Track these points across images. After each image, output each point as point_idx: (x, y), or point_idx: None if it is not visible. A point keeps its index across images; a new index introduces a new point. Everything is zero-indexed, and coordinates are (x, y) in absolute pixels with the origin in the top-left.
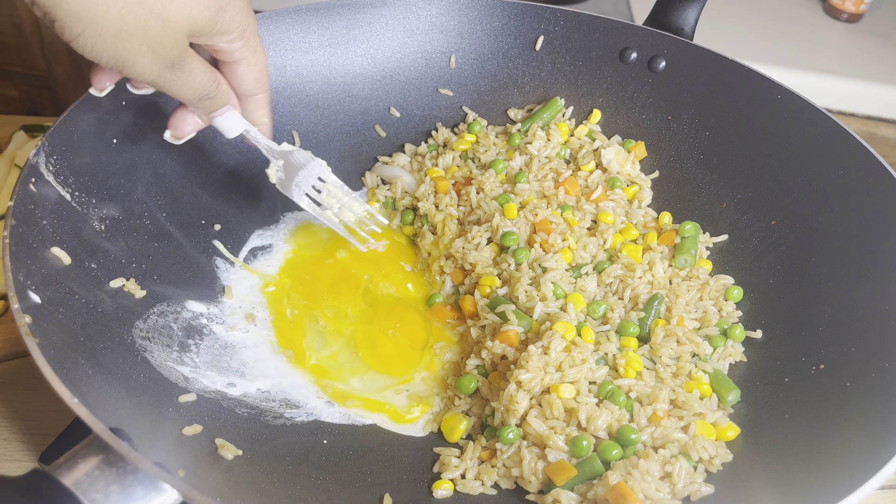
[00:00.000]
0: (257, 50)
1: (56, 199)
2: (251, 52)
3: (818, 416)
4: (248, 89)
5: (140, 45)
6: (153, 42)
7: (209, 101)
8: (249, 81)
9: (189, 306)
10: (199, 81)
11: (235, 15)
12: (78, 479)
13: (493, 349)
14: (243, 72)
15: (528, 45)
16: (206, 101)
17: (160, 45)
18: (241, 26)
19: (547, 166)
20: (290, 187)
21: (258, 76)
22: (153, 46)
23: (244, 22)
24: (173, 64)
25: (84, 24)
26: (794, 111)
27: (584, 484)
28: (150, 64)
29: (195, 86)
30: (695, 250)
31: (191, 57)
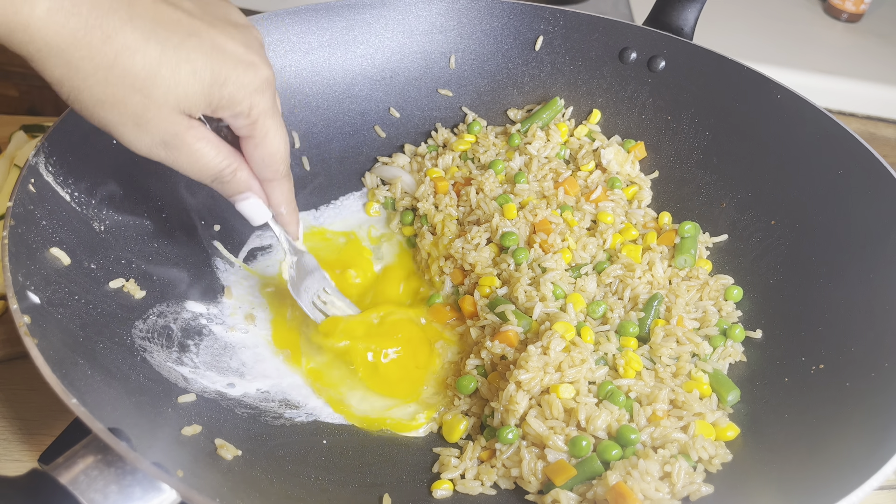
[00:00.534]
0: (268, 132)
1: (55, 199)
2: (260, 132)
3: (818, 416)
4: (258, 171)
5: (122, 117)
6: (135, 115)
7: (223, 185)
8: (257, 163)
9: (189, 307)
10: (206, 162)
11: (236, 92)
12: (76, 479)
13: (492, 349)
14: (251, 151)
15: (527, 46)
16: (220, 184)
17: (143, 119)
18: (244, 105)
19: (546, 166)
20: (299, 289)
21: (267, 160)
22: (136, 121)
23: (248, 102)
24: (166, 143)
25: (66, 91)
26: (793, 111)
27: (584, 484)
28: (137, 139)
29: (202, 167)
30: (694, 250)
31: (191, 135)
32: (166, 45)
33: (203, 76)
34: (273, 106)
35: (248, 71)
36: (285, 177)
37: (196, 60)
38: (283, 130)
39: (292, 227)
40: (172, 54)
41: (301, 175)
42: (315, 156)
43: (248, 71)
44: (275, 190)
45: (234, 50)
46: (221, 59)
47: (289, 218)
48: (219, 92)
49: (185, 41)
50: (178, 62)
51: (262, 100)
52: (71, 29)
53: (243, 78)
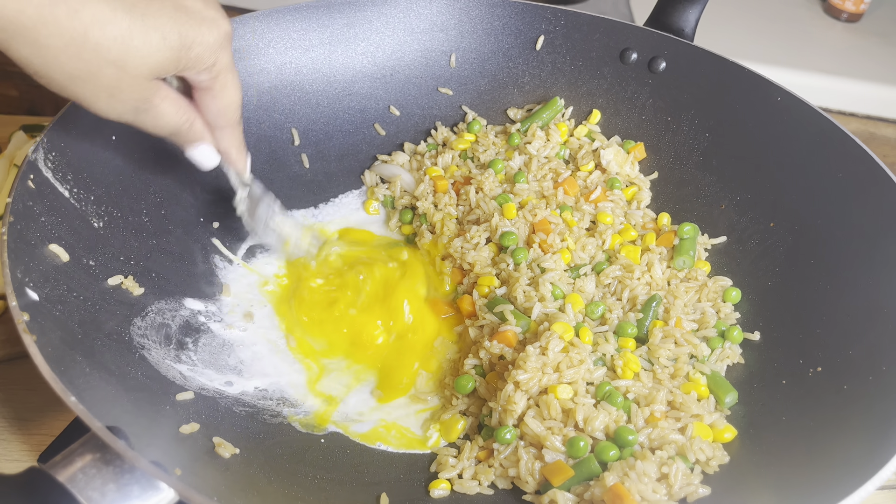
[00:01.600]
0: (227, 84)
1: (54, 195)
2: (219, 84)
3: (816, 419)
4: (212, 120)
5: (96, 90)
6: (109, 87)
7: (179, 137)
8: (213, 113)
9: (187, 304)
10: (167, 120)
11: (203, 52)
12: (74, 477)
13: (490, 349)
14: (208, 102)
15: (528, 45)
16: (177, 137)
17: (117, 90)
18: (208, 62)
19: (546, 166)
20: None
21: (223, 110)
22: (110, 92)
23: (212, 58)
24: (136, 108)
25: (35, 68)
26: (793, 113)
27: (581, 485)
28: (109, 107)
29: (163, 123)
30: (693, 252)
31: (158, 97)
32: (133, 12)
33: (172, 41)
34: (232, 59)
35: (211, 28)
36: (238, 124)
37: (164, 26)
38: (238, 81)
39: (240, 164)
40: (140, 22)
41: (300, 172)
42: (314, 153)
43: (212, 28)
44: (226, 136)
45: (194, 6)
46: (185, 19)
47: (237, 157)
48: (186, 54)
49: (150, 5)
50: (147, 29)
51: (224, 55)
52: (35, 5)
53: (207, 37)
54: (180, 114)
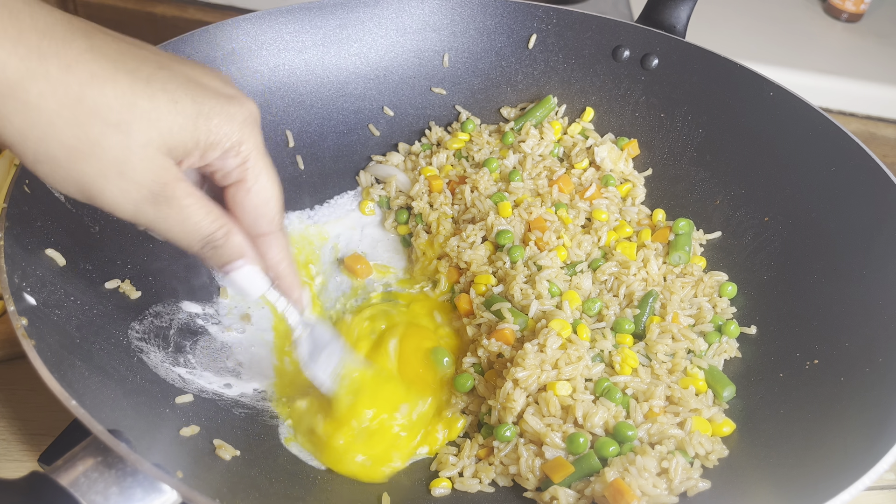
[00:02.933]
0: (260, 173)
1: (50, 200)
2: (251, 173)
3: (813, 411)
4: (250, 224)
5: (102, 166)
6: (118, 163)
7: (215, 251)
8: (249, 213)
9: (185, 307)
10: (196, 223)
11: (224, 124)
12: (77, 481)
13: (489, 347)
14: (241, 199)
15: (520, 44)
16: (211, 249)
17: (129, 167)
18: (234, 139)
19: (541, 164)
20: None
21: (260, 208)
22: (119, 168)
23: (238, 134)
24: (155, 196)
25: (34, 145)
26: (786, 108)
27: (582, 481)
28: (122, 193)
29: (191, 228)
30: (689, 247)
31: (181, 189)
32: (136, 75)
33: (185, 108)
34: (262, 144)
35: (231, 103)
36: (281, 229)
37: (174, 91)
38: (275, 174)
39: (296, 292)
40: (145, 84)
41: (295, 174)
42: (309, 155)
43: (233, 103)
44: (272, 246)
45: (211, 83)
46: (200, 90)
47: (291, 281)
48: (206, 125)
49: (155, 73)
50: (154, 91)
51: (252, 134)
52: (20, 57)
53: (229, 108)
54: (211, 217)
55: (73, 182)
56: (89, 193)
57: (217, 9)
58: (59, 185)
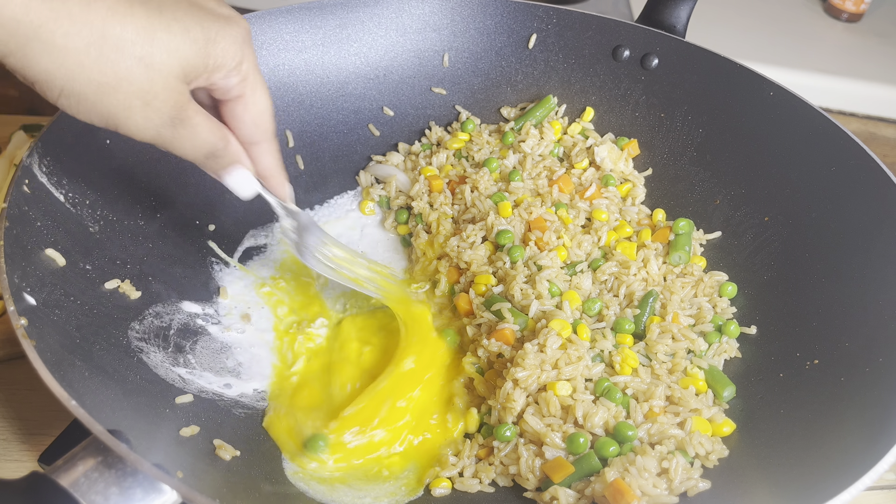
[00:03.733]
0: (257, 88)
1: (50, 200)
2: (249, 88)
3: (813, 411)
4: (248, 134)
5: (128, 98)
6: (143, 93)
7: (216, 161)
8: (248, 124)
9: (184, 307)
10: (204, 138)
11: (229, 46)
12: (77, 482)
13: (489, 347)
14: (240, 113)
15: (521, 44)
16: (213, 160)
17: (152, 96)
18: (237, 58)
19: (541, 164)
20: (303, 251)
21: (257, 119)
22: (144, 98)
23: (240, 54)
24: (172, 119)
25: (61, 82)
26: (786, 108)
27: (582, 481)
28: (145, 120)
29: (199, 143)
30: (689, 247)
31: (193, 110)
32: (149, 6)
33: (195, 34)
34: (256, 59)
35: (230, 24)
36: (274, 136)
37: (183, 18)
38: (266, 85)
39: (283, 190)
40: (158, 14)
41: (295, 174)
42: (309, 154)
43: (231, 24)
44: (264, 153)
45: (208, 4)
46: (205, 14)
47: (279, 180)
48: (213, 49)
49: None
50: (168, 22)
51: (249, 52)
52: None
53: (230, 30)
54: (215, 130)
55: (97, 113)
56: (114, 122)
57: None
58: (83, 116)
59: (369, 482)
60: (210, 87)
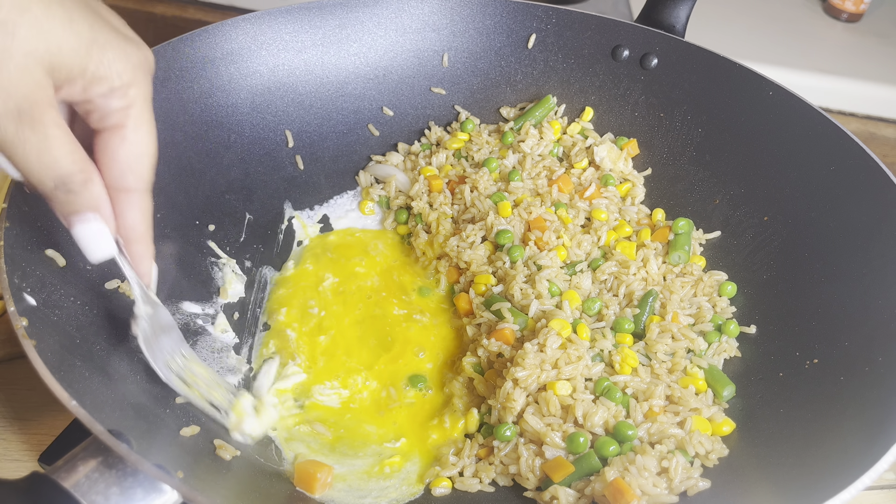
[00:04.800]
0: (141, 123)
1: None
2: (133, 121)
3: (813, 411)
4: (117, 176)
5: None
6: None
7: (68, 197)
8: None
9: (184, 307)
10: (56, 157)
11: (118, 60)
12: (78, 482)
13: (489, 347)
14: (115, 147)
15: (520, 44)
16: (64, 193)
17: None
18: (125, 78)
19: (540, 164)
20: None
21: (133, 161)
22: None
23: (130, 75)
24: (20, 112)
25: None
26: (785, 107)
27: (582, 480)
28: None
29: (50, 161)
30: (688, 247)
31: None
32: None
33: (81, 30)
34: (150, 96)
35: (129, 43)
36: (149, 191)
37: (71, 9)
38: (155, 131)
39: (145, 265)
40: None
41: (295, 174)
42: (308, 155)
43: (130, 43)
44: (133, 206)
45: (112, 19)
46: (99, 20)
47: (144, 249)
48: (98, 55)
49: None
50: (50, 4)
51: (143, 81)
52: None
53: (126, 47)
54: (75, 155)
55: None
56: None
57: (217, 9)
58: None
59: (370, 481)
60: (87, 106)
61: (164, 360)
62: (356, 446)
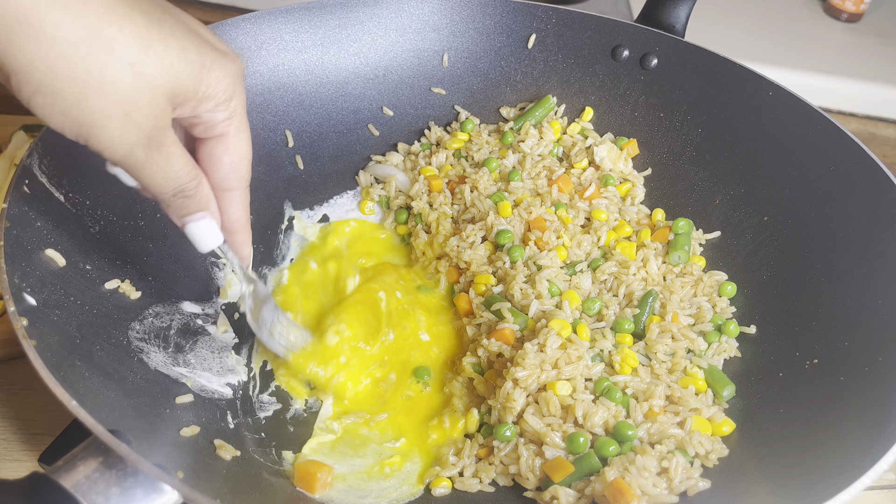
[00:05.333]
0: (241, 129)
1: (50, 200)
2: (234, 128)
3: (813, 411)
4: (223, 178)
5: (109, 105)
6: (126, 102)
7: (184, 201)
8: (225, 167)
9: (184, 307)
10: (177, 171)
11: (223, 78)
12: (78, 482)
13: (489, 347)
14: (220, 154)
15: (520, 44)
16: (181, 199)
17: (134, 108)
18: (228, 93)
19: (540, 164)
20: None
21: (237, 163)
22: (126, 108)
23: (231, 89)
24: (149, 139)
25: (41, 76)
26: (785, 108)
27: (582, 480)
28: (122, 134)
29: (171, 175)
30: (688, 247)
31: (171, 138)
32: (149, 16)
33: (192, 57)
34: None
35: (227, 58)
36: (248, 187)
37: (182, 38)
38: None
39: (247, 250)
40: (158, 28)
41: (295, 174)
42: (308, 154)
43: (227, 58)
44: (236, 203)
45: (207, 36)
46: (202, 42)
47: (245, 237)
48: (207, 77)
49: (164, 17)
50: (165, 37)
51: (241, 90)
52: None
53: (226, 63)
54: (190, 166)
55: (71, 119)
56: (87, 132)
57: (217, 9)
58: (55, 120)
59: (370, 481)
60: (194, 120)
61: (267, 330)
62: (356, 446)
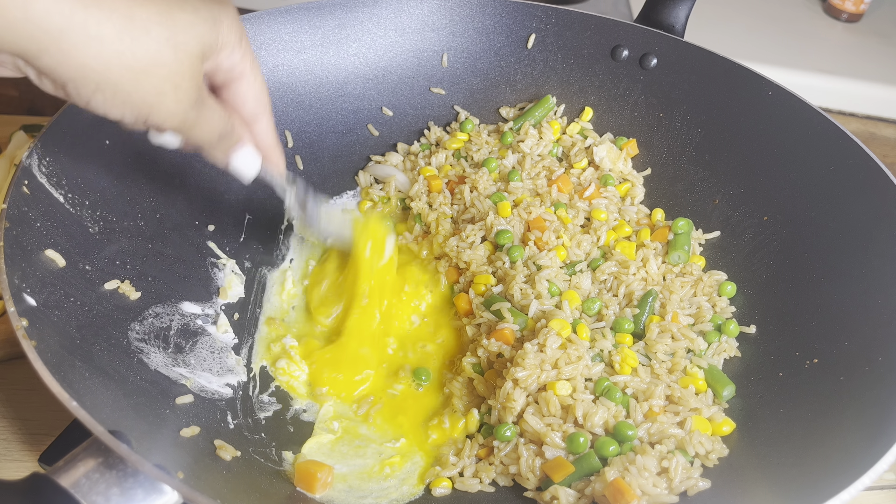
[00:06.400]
0: (254, 63)
1: (49, 201)
2: (249, 64)
3: (813, 410)
4: (251, 110)
5: (161, 83)
6: (173, 76)
7: (226, 141)
8: (251, 100)
9: (184, 307)
10: (218, 118)
11: (232, 23)
12: (78, 482)
13: (489, 347)
14: (244, 90)
15: (519, 44)
16: (224, 140)
17: (181, 78)
18: (237, 35)
19: (540, 164)
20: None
21: (259, 94)
22: (174, 80)
23: (238, 30)
24: (195, 101)
25: (97, 76)
26: (784, 107)
27: (582, 480)
28: (176, 104)
29: (215, 124)
30: (688, 246)
31: (207, 91)
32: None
33: (205, 15)
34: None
35: (224, 5)
36: (271, 110)
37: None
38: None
39: (282, 163)
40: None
41: (294, 174)
42: (308, 154)
43: (225, 5)
44: (265, 127)
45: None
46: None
47: (279, 153)
48: (220, 27)
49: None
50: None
51: (243, 29)
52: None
53: (228, 10)
54: (224, 114)
55: (131, 105)
56: (146, 113)
57: None
58: (116, 111)
59: (370, 481)
60: (214, 70)
61: (317, 224)
62: (356, 446)
